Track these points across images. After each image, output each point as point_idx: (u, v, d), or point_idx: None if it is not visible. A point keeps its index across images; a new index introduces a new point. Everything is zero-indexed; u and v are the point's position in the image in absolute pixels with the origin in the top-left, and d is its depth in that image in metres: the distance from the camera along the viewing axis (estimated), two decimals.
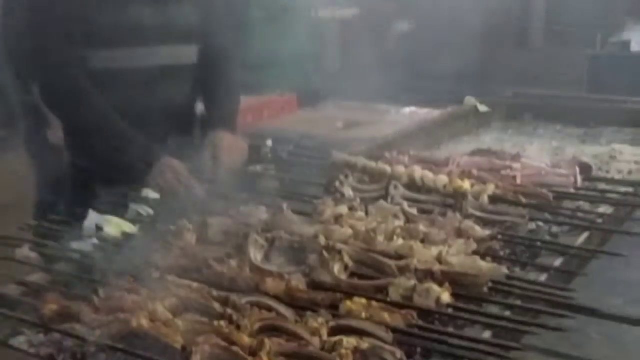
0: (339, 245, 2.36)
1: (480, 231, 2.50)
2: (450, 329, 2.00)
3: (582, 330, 1.97)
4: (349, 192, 2.90)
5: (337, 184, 2.97)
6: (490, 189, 2.79)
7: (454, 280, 2.15)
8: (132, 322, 1.96)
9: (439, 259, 2.30)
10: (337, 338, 1.84)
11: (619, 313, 1.99)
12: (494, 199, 2.79)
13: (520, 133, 4.32)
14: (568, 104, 4.61)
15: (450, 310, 2.06)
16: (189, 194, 3.01)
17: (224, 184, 3.07)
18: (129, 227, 2.71)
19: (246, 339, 1.87)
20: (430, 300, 2.06)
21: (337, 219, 2.61)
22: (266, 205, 2.76)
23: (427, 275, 2.18)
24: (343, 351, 1.78)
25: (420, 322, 1.97)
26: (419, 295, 2.08)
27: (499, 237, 2.50)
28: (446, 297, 2.07)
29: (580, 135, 4.23)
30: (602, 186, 3.09)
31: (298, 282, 2.19)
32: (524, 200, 2.80)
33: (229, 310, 2.00)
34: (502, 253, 2.46)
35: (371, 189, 2.98)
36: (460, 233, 2.50)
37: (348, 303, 2.05)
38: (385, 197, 2.87)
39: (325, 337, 1.87)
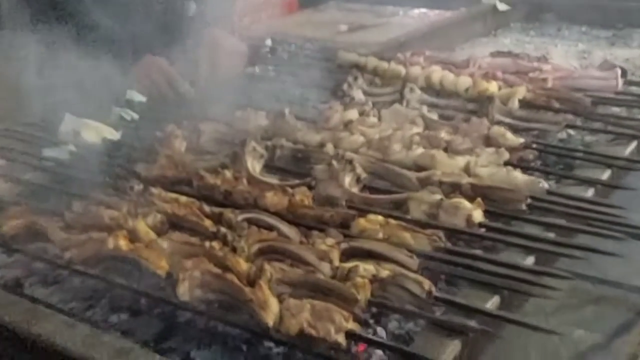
0: (350, 155, 2.04)
1: (513, 138, 2.18)
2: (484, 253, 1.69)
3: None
4: (359, 95, 2.56)
5: (346, 86, 2.63)
6: (521, 92, 2.46)
7: (486, 195, 1.84)
8: (108, 243, 1.66)
9: (467, 171, 1.98)
10: (351, 264, 1.54)
11: None
12: (524, 104, 2.46)
13: (542, 34, 3.96)
14: (595, 2, 4.20)
15: (483, 231, 1.75)
16: (179, 96, 2.67)
17: (218, 86, 2.72)
18: (110, 133, 2.39)
19: (243, 264, 1.57)
20: (459, 218, 1.76)
21: (347, 125, 2.28)
22: (265, 110, 2.43)
23: (453, 189, 1.87)
24: (359, 279, 1.48)
25: (449, 245, 1.66)
26: (445, 211, 1.78)
27: (534, 145, 2.17)
28: (478, 214, 1.76)
29: (608, 37, 3.87)
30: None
31: (303, 196, 1.88)
32: (557, 105, 2.47)
33: (223, 229, 1.70)
34: (534, 164, 2.14)
35: (384, 92, 2.64)
36: (488, 141, 2.18)
37: (361, 221, 1.75)
38: (399, 100, 2.54)
39: (336, 262, 1.57)
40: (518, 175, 1.94)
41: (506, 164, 2.05)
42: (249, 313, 1.46)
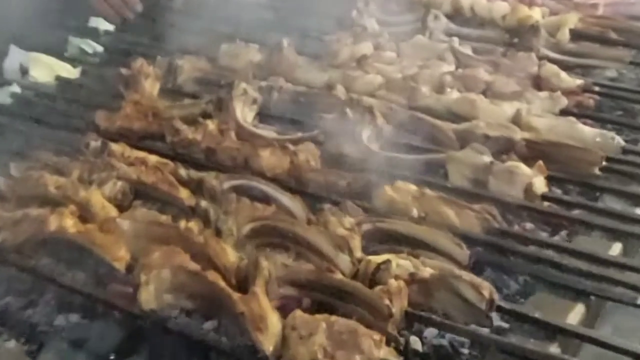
0: (366, 100, 1.61)
1: (568, 79, 1.74)
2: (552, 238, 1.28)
3: None
4: (372, 24, 2.09)
5: (355, 13, 2.16)
6: (572, 20, 2.00)
7: (548, 155, 1.41)
8: (49, 223, 1.23)
9: (516, 121, 1.55)
10: (379, 258, 1.12)
11: None
12: (574, 36, 2.00)
13: None
14: None
15: (548, 205, 1.33)
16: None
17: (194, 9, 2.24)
18: (66, 70, 1.93)
19: (230, 255, 1.15)
20: (516, 186, 1.33)
21: (359, 61, 1.83)
22: (258, 42, 1.97)
23: (504, 146, 1.44)
24: (392, 282, 1.06)
25: (504, 225, 1.24)
26: (496, 178, 1.35)
27: (596, 88, 1.74)
28: (540, 183, 1.34)
29: None
30: None
31: (308, 155, 1.45)
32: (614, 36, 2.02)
33: (204, 203, 1.28)
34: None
35: (402, 20, 2.17)
36: (538, 82, 1.74)
37: (388, 191, 1.32)
38: (421, 31, 2.08)
39: (358, 253, 1.15)
40: (585, 129, 1.51)
41: (563, 113, 1.61)
42: (239, 329, 1.04)
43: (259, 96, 1.68)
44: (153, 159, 1.46)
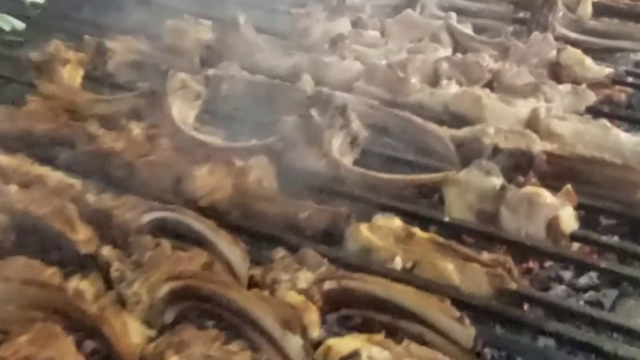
0: (339, 95, 1.24)
1: (594, 67, 1.38)
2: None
3: None
4: None
5: None
6: None
7: (578, 174, 1.06)
8: None
9: (534, 125, 1.19)
10: (345, 344, 0.77)
11: None
12: (598, 10, 1.64)
13: None
14: None
15: (577, 248, 0.98)
16: None
17: None
18: None
19: (134, 336, 0.80)
20: (537, 222, 0.98)
21: (334, 42, 1.46)
22: (209, 18, 1.61)
23: (521, 162, 1.09)
24: None
25: (524, 284, 0.90)
26: (511, 210, 1.00)
27: (629, 79, 1.38)
28: (569, 217, 0.98)
29: None
30: None
31: (260, 173, 1.09)
32: None
33: (106, 251, 0.93)
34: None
35: None
36: (557, 72, 1.38)
37: (363, 230, 0.97)
38: (412, 4, 1.71)
39: (315, 333, 0.80)
40: (622, 136, 1.15)
41: (590, 111, 1.26)
42: None
43: (202, 89, 1.31)
44: (55, 177, 1.10)
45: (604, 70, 1.37)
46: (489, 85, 1.35)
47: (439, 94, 1.28)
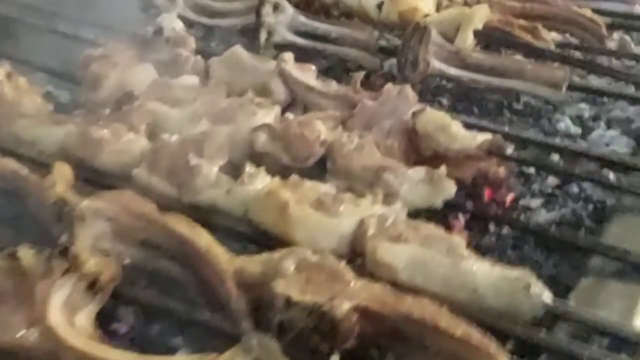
0: (87, 207, 0.88)
1: (465, 136, 1.04)
2: None
3: None
4: (173, 21, 1.32)
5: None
6: (481, 14, 1.26)
7: (403, 337, 0.71)
8: None
9: (359, 246, 0.83)
10: None
11: None
12: (483, 36, 1.28)
13: None
14: None
15: None
16: None
17: None
18: None
19: None
20: None
21: (118, 105, 1.09)
22: None
23: (321, 325, 0.73)
24: None
25: None
26: None
27: (508, 151, 1.03)
28: None
29: None
30: None
31: None
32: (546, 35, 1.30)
33: None
34: None
35: (229, 9, 1.43)
36: (415, 141, 1.02)
37: None
38: (256, 30, 1.34)
39: None
40: (475, 266, 0.80)
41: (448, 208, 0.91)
42: None
43: None
44: None
45: (475, 139, 1.01)
46: (322, 163, 0.99)
47: (238, 191, 0.91)
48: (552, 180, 1.12)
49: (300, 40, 1.36)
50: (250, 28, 1.38)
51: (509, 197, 1.07)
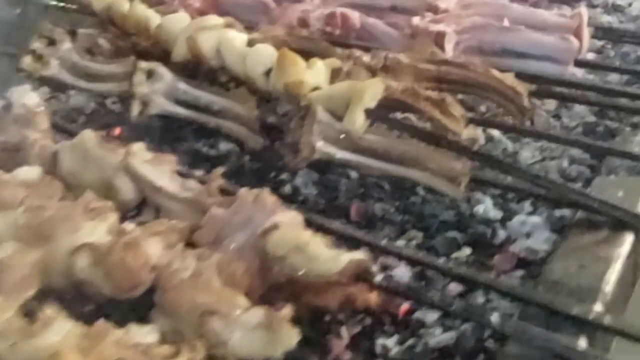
0: None
1: (331, 256, 0.85)
2: None
3: None
4: (25, 94, 1.15)
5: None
6: (374, 90, 1.07)
7: None
8: None
9: None
10: None
11: None
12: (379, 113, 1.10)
13: None
14: None
15: None
16: None
17: None
18: None
19: None
20: None
21: None
22: None
23: None
24: None
25: None
26: None
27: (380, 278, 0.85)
28: None
29: None
30: None
31: None
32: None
33: None
34: None
35: (103, 73, 1.26)
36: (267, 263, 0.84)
37: None
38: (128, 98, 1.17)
39: None
40: None
41: None
42: None
43: None
44: None
45: (338, 261, 0.83)
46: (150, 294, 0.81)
47: (24, 346, 0.74)
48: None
49: (182, 111, 1.19)
50: (126, 96, 1.21)
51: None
